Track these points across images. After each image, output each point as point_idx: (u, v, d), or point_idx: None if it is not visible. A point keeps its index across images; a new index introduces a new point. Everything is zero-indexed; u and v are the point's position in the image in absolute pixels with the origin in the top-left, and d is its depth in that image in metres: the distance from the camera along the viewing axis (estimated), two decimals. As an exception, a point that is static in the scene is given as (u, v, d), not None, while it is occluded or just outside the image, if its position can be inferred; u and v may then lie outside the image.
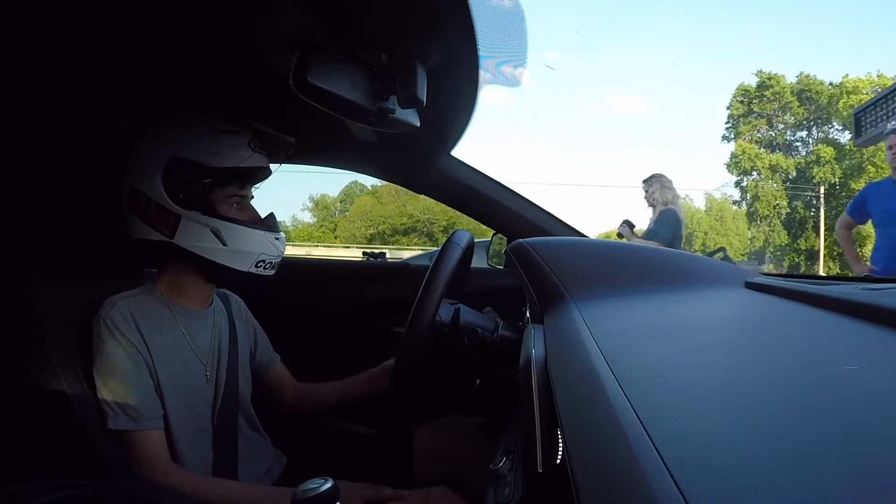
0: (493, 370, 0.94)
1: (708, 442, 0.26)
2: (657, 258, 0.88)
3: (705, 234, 21.97)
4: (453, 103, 0.79)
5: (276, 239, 0.88)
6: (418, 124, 0.72)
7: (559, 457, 0.42)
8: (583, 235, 1.33)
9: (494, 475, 0.60)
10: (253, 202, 0.91)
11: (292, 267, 1.54)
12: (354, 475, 0.86)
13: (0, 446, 0.77)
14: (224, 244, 0.83)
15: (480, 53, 0.61)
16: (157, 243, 0.83)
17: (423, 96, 0.61)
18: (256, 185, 0.92)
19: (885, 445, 0.24)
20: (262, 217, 0.90)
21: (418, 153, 1.16)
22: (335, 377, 1.27)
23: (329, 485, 0.54)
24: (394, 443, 1.08)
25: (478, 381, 1.00)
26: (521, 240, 0.81)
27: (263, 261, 0.87)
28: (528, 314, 0.93)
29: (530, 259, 0.75)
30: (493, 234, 1.42)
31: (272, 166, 0.92)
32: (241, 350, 0.98)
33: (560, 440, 0.39)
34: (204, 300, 0.93)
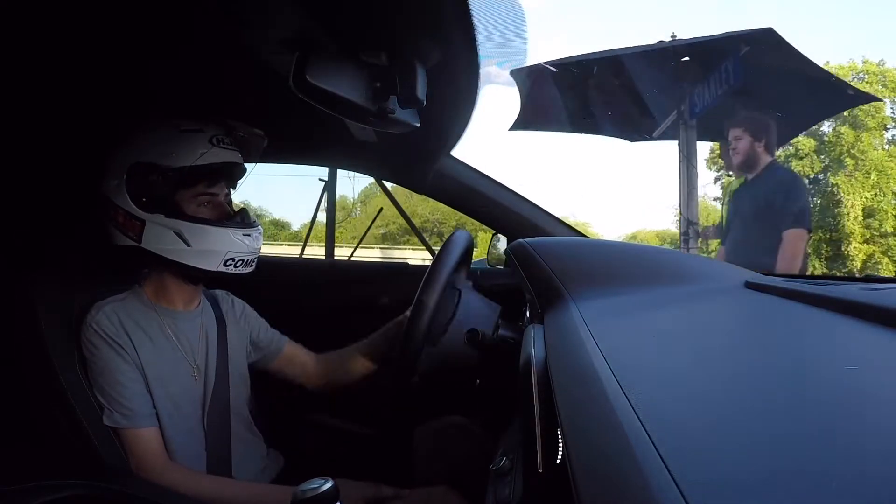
0: (493, 370, 0.94)
1: (708, 442, 0.26)
2: (657, 258, 0.88)
3: None
4: (453, 103, 0.79)
5: (247, 235, 0.86)
6: (418, 124, 0.72)
7: (559, 457, 0.42)
8: (583, 235, 1.33)
9: (494, 475, 0.60)
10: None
11: (292, 267, 1.54)
12: (354, 475, 0.86)
13: (0, 446, 0.77)
14: (188, 245, 0.82)
15: (480, 53, 0.61)
16: (128, 248, 0.84)
17: (423, 96, 0.61)
18: (234, 184, 0.92)
19: (886, 445, 0.24)
20: (232, 214, 0.88)
21: (418, 153, 1.16)
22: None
23: (329, 485, 0.54)
24: (394, 443, 1.08)
25: (478, 381, 1.00)
26: (521, 240, 0.81)
27: (233, 259, 0.85)
28: (528, 314, 0.93)
29: (530, 259, 0.75)
30: (493, 234, 1.42)
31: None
32: (234, 351, 0.97)
33: (560, 440, 0.39)
34: (188, 302, 0.93)
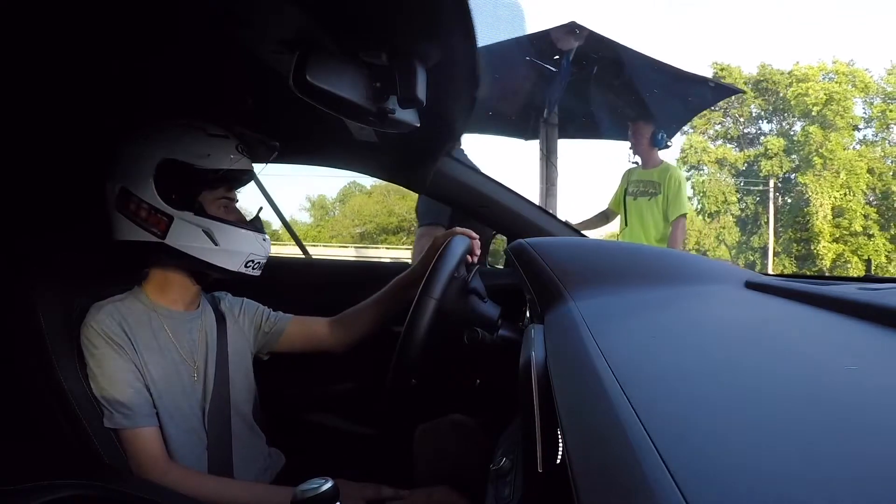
0: (493, 370, 0.94)
1: (708, 442, 0.26)
2: (657, 258, 0.88)
3: (700, 232, 21.27)
4: (453, 103, 0.79)
5: (264, 239, 0.91)
6: (418, 124, 0.72)
7: (559, 457, 0.42)
8: (583, 235, 1.33)
9: (494, 475, 0.61)
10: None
11: (291, 268, 1.54)
12: (354, 475, 0.86)
13: (0, 446, 0.77)
14: (216, 244, 0.85)
15: (480, 53, 0.62)
16: (145, 244, 0.84)
17: (423, 96, 0.61)
18: (240, 189, 0.94)
19: (886, 445, 0.24)
20: (249, 219, 0.92)
21: (418, 153, 1.16)
22: (334, 376, 1.27)
23: (329, 485, 0.54)
24: (394, 443, 1.08)
25: (478, 381, 1.00)
26: (521, 240, 0.81)
27: (252, 261, 0.89)
28: (528, 314, 0.93)
29: (530, 259, 0.75)
30: (493, 234, 1.42)
31: (263, 167, 0.95)
32: (235, 351, 0.98)
33: (560, 440, 0.39)
34: (190, 303, 0.94)
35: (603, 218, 2.86)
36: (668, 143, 2.66)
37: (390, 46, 0.61)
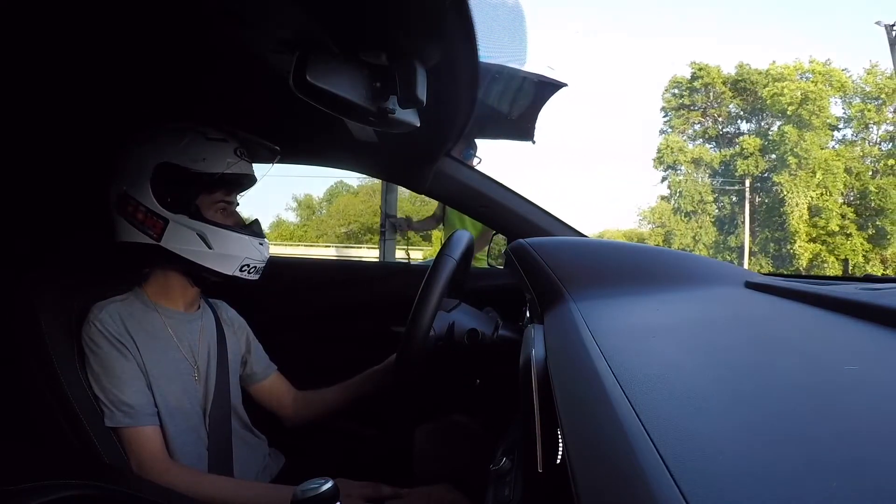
0: (493, 370, 0.94)
1: (708, 442, 0.26)
2: (657, 258, 0.88)
3: (682, 234, 21.10)
4: (453, 103, 0.79)
5: (261, 244, 0.91)
6: (418, 124, 0.72)
7: (559, 457, 0.42)
8: (583, 235, 1.33)
9: (494, 475, 0.61)
10: (241, 203, 0.94)
11: (291, 268, 1.54)
12: (354, 475, 0.86)
13: (0, 446, 0.77)
14: (210, 247, 0.85)
15: (480, 53, 0.61)
16: (143, 246, 0.85)
17: (423, 96, 0.61)
18: (242, 193, 0.94)
19: (885, 446, 0.24)
20: (248, 223, 0.92)
21: (418, 153, 1.16)
22: (335, 378, 1.27)
23: (329, 485, 0.54)
24: (394, 443, 1.08)
25: (478, 381, 1.00)
26: (521, 240, 0.81)
27: (248, 265, 0.89)
28: (528, 314, 0.93)
29: (530, 259, 0.75)
30: (493, 234, 1.42)
31: (263, 167, 0.95)
32: (231, 356, 0.99)
33: (560, 440, 0.39)
34: (190, 304, 0.94)
35: (434, 221, 3.00)
36: (477, 156, 2.62)
37: (390, 46, 0.61)
